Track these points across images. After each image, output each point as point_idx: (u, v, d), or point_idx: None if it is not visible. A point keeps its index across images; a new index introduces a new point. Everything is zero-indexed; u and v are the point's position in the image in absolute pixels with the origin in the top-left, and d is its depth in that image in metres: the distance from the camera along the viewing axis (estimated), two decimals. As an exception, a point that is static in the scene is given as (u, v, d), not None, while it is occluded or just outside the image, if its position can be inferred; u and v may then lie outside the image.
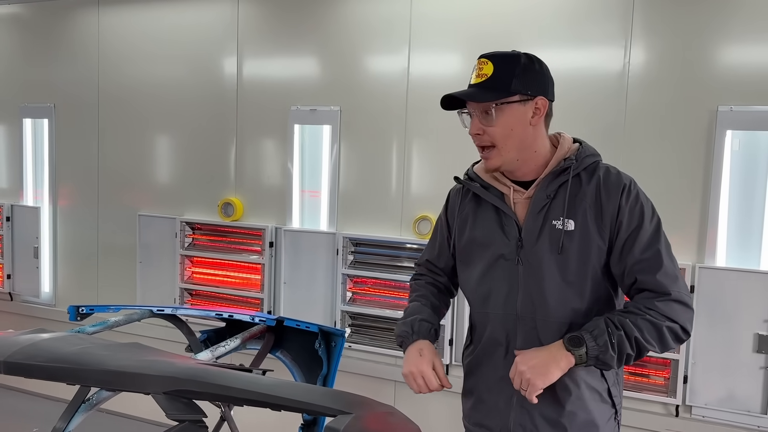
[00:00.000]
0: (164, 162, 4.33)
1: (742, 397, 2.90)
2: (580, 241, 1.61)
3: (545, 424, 1.65)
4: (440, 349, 3.46)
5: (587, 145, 1.71)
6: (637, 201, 1.61)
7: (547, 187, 1.66)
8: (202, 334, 3.00)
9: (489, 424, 1.74)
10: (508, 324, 1.69)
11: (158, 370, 1.68)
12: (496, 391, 1.72)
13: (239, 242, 4.08)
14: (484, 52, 1.67)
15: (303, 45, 3.82)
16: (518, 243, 1.66)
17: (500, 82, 1.60)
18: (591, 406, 1.66)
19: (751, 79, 2.85)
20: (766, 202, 2.85)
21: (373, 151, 3.66)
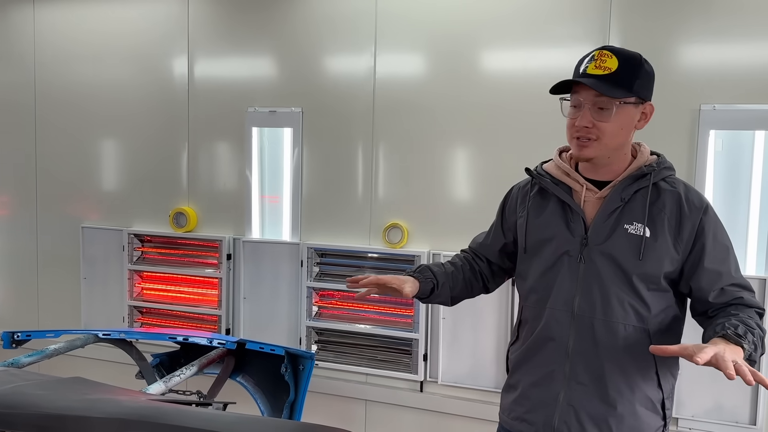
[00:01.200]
0: (109, 169, 4.01)
1: (730, 407, 2.80)
2: (657, 249, 1.61)
3: (591, 422, 1.64)
4: (414, 364, 3.26)
5: (665, 158, 1.73)
6: (719, 223, 1.65)
7: (623, 191, 1.65)
8: (155, 358, 2.75)
9: (532, 419, 1.72)
10: (563, 321, 1.67)
11: (104, 411, 1.45)
12: (542, 386, 1.70)
13: (193, 255, 3.80)
14: (605, 45, 1.63)
15: (260, 43, 3.57)
16: (583, 241, 1.66)
17: (624, 80, 1.60)
18: (641, 412, 1.64)
19: (734, 78, 2.77)
20: (751, 203, 2.76)
21: (338, 155, 3.44)
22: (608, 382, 1.62)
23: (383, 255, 3.33)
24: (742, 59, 2.76)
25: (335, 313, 3.47)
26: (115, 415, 1.40)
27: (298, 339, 3.47)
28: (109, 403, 1.50)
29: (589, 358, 1.64)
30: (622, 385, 1.62)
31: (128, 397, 1.60)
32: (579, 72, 1.63)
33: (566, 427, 1.65)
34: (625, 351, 1.62)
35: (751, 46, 2.75)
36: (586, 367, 1.64)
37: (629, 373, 1.62)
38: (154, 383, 2.06)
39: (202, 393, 2.48)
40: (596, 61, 1.61)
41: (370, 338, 3.39)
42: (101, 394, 1.56)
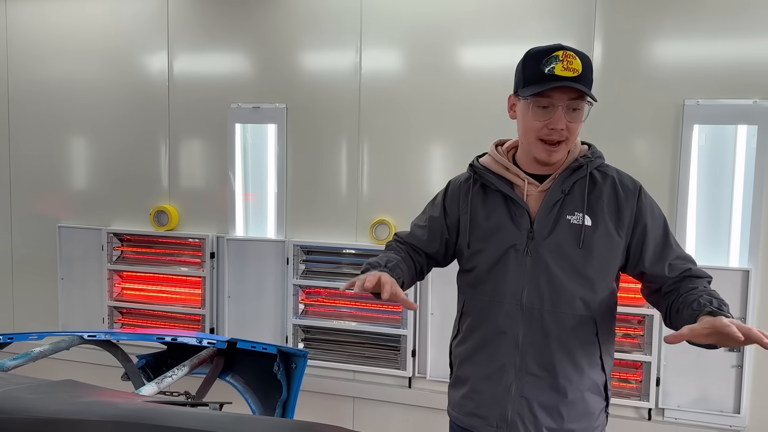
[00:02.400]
0: (86, 168, 3.91)
1: (715, 397, 2.84)
2: (601, 236, 1.65)
3: (543, 412, 1.66)
4: (403, 360, 3.25)
5: (595, 147, 1.77)
6: (654, 203, 1.72)
7: (563, 183, 1.68)
8: (140, 360, 2.68)
9: (484, 413, 1.72)
10: (512, 314, 1.69)
11: (99, 414, 1.39)
12: (494, 380, 1.71)
13: (176, 254, 3.73)
14: (562, 45, 1.62)
15: (243, 37, 3.52)
16: (529, 234, 1.67)
17: (588, 80, 1.62)
18: (588, 397, 1.69)
19: (717, 73, 2.81)
20: (734, 196, 2.81)
21: (324, 152, 3.40)
22: (558, 371, 1.65)
23: (370, 251, 3.30)
24: (724, 55, 2.80)
25: (322, 311, 3.44)
26: (111, 418, 1.35)
27: (285, 337, 3.43)
28: (103, 405, 1.45)
29: (539, 350, 1.66)
30: (572, 372, 1.66)
31: (123, 399, 1.55)
32: (544, 72, 1.59)
33: (520, 418, 1.67)
34: (574, 339, 1.66)
35: (734, 42, 2.79)
36: (536, 358, 1.66)
37: (578, 361, 1.66)
38: (147, 384, 2.01)
39: (190, 393, 2.43)
40: (563, 63, 1.60)
41: (358, 335, 3.37)
42: (95, 397, 1.52)
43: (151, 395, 1.96)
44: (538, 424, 1.66)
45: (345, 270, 3.38)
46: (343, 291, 1.65)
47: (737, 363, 2.80)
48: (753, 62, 2.77)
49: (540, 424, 1.66)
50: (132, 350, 2.65)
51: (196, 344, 2.46)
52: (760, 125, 2.74)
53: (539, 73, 1.60)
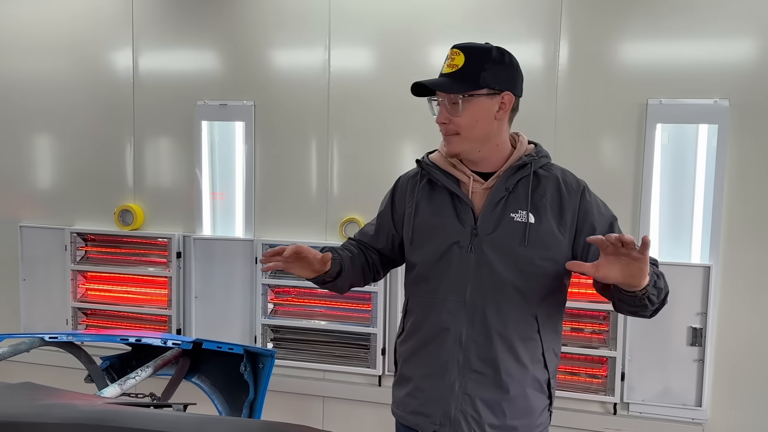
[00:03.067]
0: (49, 166, 3.82)
1: (678, 390, 2.90)
2: (543, 234, 1.66)
3: (486, 408, 1.67)
4: (373, 358, 3.25)
5: (541, 147, 1.79)
6: (598, 200, 1.74)
7: (507, 180, 1.70)
8: (104, 361, 2.63)
9: (428, 411, 1.71)
10: (455, 311, 1.69)
11: (60, 417, 1.37)
12: (437, 377, 1.70)
13: (141, 254, 3.67)
14: (458, 43, 1.67)
15: (210, 33, 3.47)
16: (473, 231, 1.68)
17: (470, 74, 1.63)
18: (530, 394, 1.69)
19: (681, 72, 2.87)
20: (695, 195, 2.87)
21: (293, 150, 3.38)
22: (501, 367, 1.66)
23: (339, 250, 3.29)
24: (686, 55, 2.86)
25: (291, 310, 3.41)
26: (72, 420, 1.33)
27: (254, 337, 3.40)
28: (64, 408, 1.43)
29: (481, 346, 1.66)
30: (513, 369, 1.66)
31: (84, 401, 1.52)
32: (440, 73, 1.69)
33: (463, 415, 1.67)
34: (516, 335, 1.66)
35: (695, 43, 2.86)
36: (479, 355, 1.66)
37: (519, 357, 1.67)
38: (109, 386, 1.97)
39: (155, 395, 2.40)
40: (448, 60, 1.66)
41: (328, 334, 3.36)
42: (55, 399, 1.48)
43: (113, 397, 1.92)
44: (481, 421, 1.66)
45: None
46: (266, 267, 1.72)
47: (699, 357, 2.86)
48: (713, 63, 2.84)
49: (483, 420, 1.66)
50: (96, 352, 2.60)
51: (161, 345, 2.42)
52: (720, 124, 2.81)
53: None
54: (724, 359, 2.89)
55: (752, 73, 2.80)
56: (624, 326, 2.93)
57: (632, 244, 1.40)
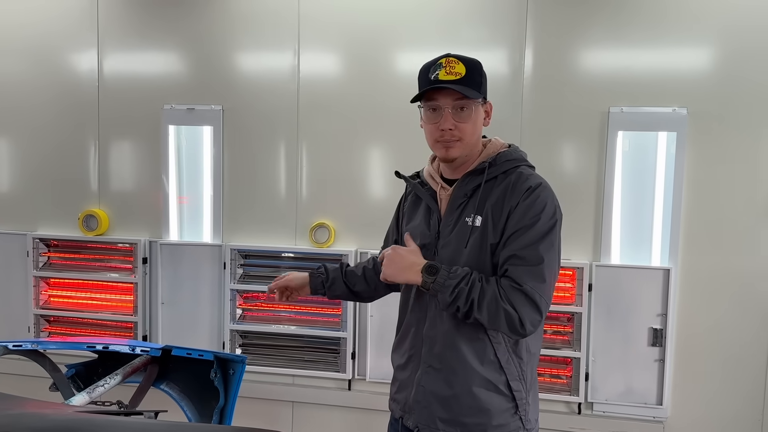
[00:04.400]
0: (11, 169, 3.73)
1: (640, 389, 2.99)
2: (480, 236, 1.71)
3: (436, 402, 1.75)
4: (342, 362, 3.27)
5: (514, 150, 1.80)
6: (534, 202, 1.67)
7: (465, 186, 1.76)
8: (69, 369, 2.58)
9: (398, 398, 1.88)
10: (420, 310, 1.81)
11: (29, 427, 1.35)
12: (405, 369, 1.85)
13: (106, 259, 3.61)
14: (448, 53, 1.73)
15: (177, 37, 3.45)
16: (437, 235, 1.78)
17: (474, 82, 1.71)
18: (481, 394, 1.72)
19: (641, 81, 2.96)
20: (655, 200, 2.96)
21: (261, 154, 3.38)
22: (447, 365, 1.74)
23: (310, 255, 3.30)
24: (647, 64, 2.96)
25: (260, 315, 3.41)
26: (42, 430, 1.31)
27: (222, 343, 3.38)
28: (33, 417, 1.41)
29: (436, 343, 1.76)
30: (458, 367, 1.73)
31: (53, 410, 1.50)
32: (431, 80, 1.71)
33: (418, 405, 1.79)
34: (460, 336, 1.72)
35: (656, 52, 2.95)
36: (434, 351, 1.76)
37: (464, 357, 1.72)
38: (78, 395, 1.94)
39: (122, 403, 2.36)
40: (445, 68, 1.71)
41: (297, 339, 3.36)
42: (23, 409, 1.46)
43: (82, 405, 1.90)
44: (432, 413, 1.76)
45: (284, 273, 3.35)
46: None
47: (659, 357, 2.95)
48: (672, 71, 2.94)
49: (433, 412, 1.75)
50: (61, 360, 2.55)
51: (129, 352, 2.39)
52: (679, 132, 2.91)
53: (427, 81, 1.73)
54: (684, 359, 2.99)
55: (710, 82, 2.91)
56: (588, 327, 3.00)
57: None
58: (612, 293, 2.99)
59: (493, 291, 1.62)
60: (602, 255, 3.02)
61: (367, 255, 3.17)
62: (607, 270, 3.00)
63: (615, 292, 2.99)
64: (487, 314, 1.62)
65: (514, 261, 1.64)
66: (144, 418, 1.76)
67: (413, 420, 1.79)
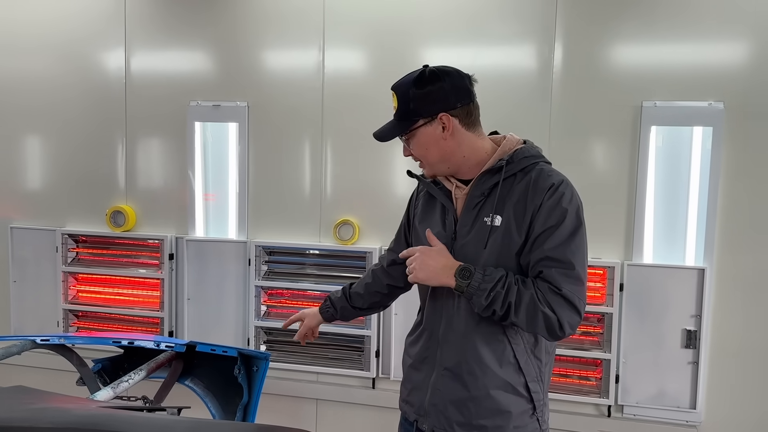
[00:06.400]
0: (39, 167, 3.79)
1: (672, 393, 2.91)
2: (503, 236, 1.67)
3: (452, 405, 1.72)
4: (367, 360, 3.24)
5: (530, 146, 1.75)
6: (559, 201, 1.64)
7: (482, 185, 1.72)
8: (96, 364, 2.59)
9: (411, 400, 1.84)
10: (436, 311, 1.78)
11: (53, 421, 1.35)
12: (419, 371, 1.81)
13: (133, 255, 3.64)
14: (393, 85, 1.75)
15: (203, 34, 3.45)
16: (453, 235, 1.74)
17: (402, 113, 1.73)
18: (499, 396, 1.69)
19: (675, 75, 2.87)
20: (690, 197, 2.87)
21: (286, 151, 3.36)
22: (464, 367, 1.71)
23: (334, 252, 3.28)
24: (681, 58, 2.87)
25: (284, 312, 3.39)
26: (65, 425, 1.31)
27: (246, 339, 3.38)
28: (57, 412, 1.41)
29: (452, 345, 1.73)
30: (476, 369, 1.69)
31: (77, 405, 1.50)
32: None
33: (434, 408, 1.75)
34: (479, 338, 1.69)
35: (691, 45, 2.86)
36: (450, 353, 1.73)
37: (482, 359, 1.69)
38: (102, 390, 1.94)
39: (147, 398, 2.37)
40: (393, 103, 1.76)
41: (321, 336, 3.31)
42: (48, 403, 1.46)
43: (106, 400, 1.90)
44: (449, 416, 1.72)
45: (308, 271, 3.35)
46: None
47: (693, 360, 2.87)
48: (708, 65, 2.85)
49: (450, 416, 1.72)
50: (87, 354, 2.57)
51: (153, 348, 2.39)
52: (715, 127, 2.82)
53: None
54: (719, 361, 2.90)
55: (747, 76, 2.81)
56: (619, 328, 2.93)
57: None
58: (644, 293, 2.91)
59: (531, 294, 1.59)
60: (634, 254, 2.94)
61: (392, 252, 3.14)
62: (640, 269, 2.91)
63: (647, 293, 2.91)
64: (525, 317, 1.60)
65: (547, 263, 1.61)
66: (166, 414, 1.76)
67: (429, 424, 1.76)
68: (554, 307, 1.59)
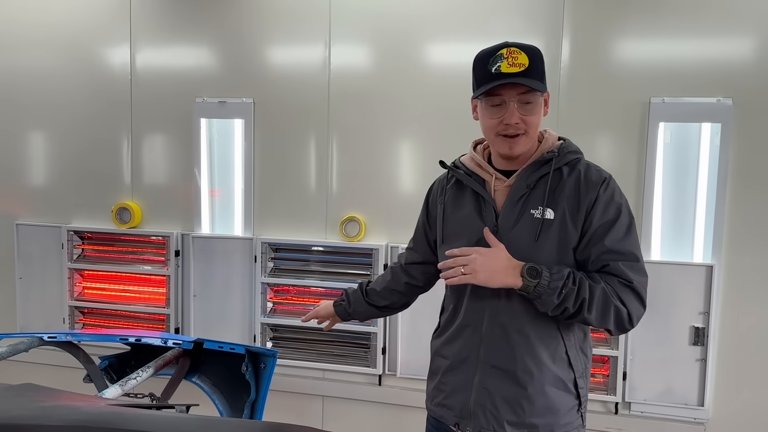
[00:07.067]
0: (44, 163, 3.79)
1: (680, 390, 2.89)
2: (557, 230, 1.65)
3: (505, 404, 1.68)
4: (373, 358, 3.24)
5: (570, 142, 1.75)
6: (613, 195, 1.66)
7: (528, 177, 1.69)
8: (102, 361, 2.60)
9: (450, 403, 1.77)
10: (477, 308, 1.72)
11: (62, 419, 1.35)
12: (458, 371, 1.75)
13: (139, 252, 3.64)
14: (507, 42, 1.63)
15: (208, 31, 3.44)
16: (494, 228, 1.68)
17: (538, 73, 1.63)
18: (552, 393, 1.67)
19: (684, 71, 2.85)
20: (698, 194, 2.86)
21: (292, 147, 3.36)
22: (518, 364, 1.66)
23: (340, 249, 3.27)
24: (689, 54, 2.85)
25: (291, 309, 3.39)
26: (75, 423, 1.30)
27: (252, 336, 3.38)
28: (66, 409, 1.40)
29: (500, 343, 1.68)
30: (532, 366, 1.66)
31: (86, 403, 1.50)
32: (491, 72, 1.62)
33: (481, 410, 1.69)
34: (533, 332, 1.66)
35: (698, 41, 2.85)
36: (497, 351, 1.68)
37: (537, 355, 1.66)
38: (111, 387, 1.94)
39: (155, 395, 2.37)
40: (508, 60, 1.61)
41: (327, 333, 3.32)
42: (57, 401, 1.46)
43: (115, 398, 1.90)
44: (500, 417, 1.67)
45: (314, 267, 3.34)
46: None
47: (701, 357, 2.86)
48: (716, 61, 2.83)
49: (501, 416, 1.67)
50: (94, 351, 2.57)
51: (161, 345, 2.39)
52: (723, 123, 2.80)
53: (487, 73, 1.63)
54: (727, 359, 2.89)
55: (755, 72, 2.79)
56: (626, 326, 2.91)
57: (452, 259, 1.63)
58: (652, 290, 2.80)
59: (602, 288, 1.58)
60: (642, 250, 2.91)
61: (398, 249, 3.13)
62: (647, 266, 2.84)
63: (655, 289, 2.86)
64: (597, 313, 1.59)
65: (611, 256, 1.61)
66: (175, 411, 1.75)
67: (474, 426, 1.70)
68: (624, 300, 1.60)
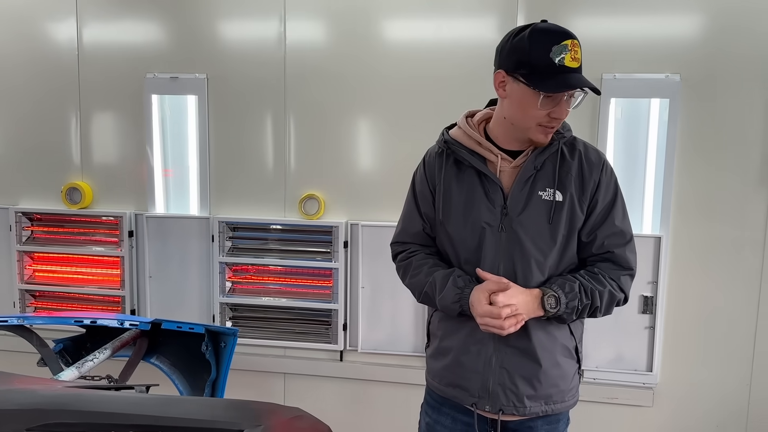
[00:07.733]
0: (-12, 142, 3.64)
1: (630, 357, 3.01)
2: (568, 212, 1.69)
3: (524, 381, 1.73)
4: (334, 334, 3.25)
5: (564, 121, 1.74)
6: (612, 176, 1.76)
7: (536, 159, 1.70)
8: (57, 344, 2.54)
9: (466, 385, 1.78)
10: None
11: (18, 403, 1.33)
12: (474, 353, 1.76)
13: (91, 233, 3.54)
14: (571, 33, 1.62)
15: (159, 2, 3.33)
16: (503, 210, 1.70)
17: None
18: (562, 362, 1.76)
19: (634, 47, 2.92)
20: (647, 168, 2.95)
21: (249, 124, 3.30)
22: (533, 340, 1.71)
23: (299, 227, 3.26)
24: (640, 30, 2.91)
25: (250, 288, 3.37)
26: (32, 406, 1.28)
27: (212, 316, 3.35)
28: (22, 393, 1.38)
29: None
30: (545, 339, 1.73)
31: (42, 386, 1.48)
32: (555, 63, 1.56)
33: (501, 389, 1.73)
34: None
35: (649, 17, 2.90)
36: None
37: (548, 329, 1.74)
38: (67, 370, 1.91)
39: (112, 377, 2.34)
40: (571, 53, 1.58)
41: (288, 311, 3.33)
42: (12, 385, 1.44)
43: (71, 380, 1.87)
44: (519, 393, 1.73)
45: (273, 246, 3.32)
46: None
47: (650, 324, 2.97)
48: (665, 37, 2.89)
49: (521, 392, 1.73)
50: (48, 335, 2.51)
51: (117, 326, 2.35)
52: (672, 99, 2.88)
53: (550, 64, 1.56)
54: (674, 326, 3.01)
55: (702, 48, 2.87)
56: (579, 296, 3.00)
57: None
58: None
59: (609, 291, 1.69)
60: (594, 223, 3.00)
61: (357, 227, 3.14)
62: None
63: (606, 261, 2.98)
64: (603, 312, 1.72)
65: (615, 239, 1.71)
66: (135, 392, 1.74)
67: (492, 404, 1.74)
68: (625, 288, 1.73)
